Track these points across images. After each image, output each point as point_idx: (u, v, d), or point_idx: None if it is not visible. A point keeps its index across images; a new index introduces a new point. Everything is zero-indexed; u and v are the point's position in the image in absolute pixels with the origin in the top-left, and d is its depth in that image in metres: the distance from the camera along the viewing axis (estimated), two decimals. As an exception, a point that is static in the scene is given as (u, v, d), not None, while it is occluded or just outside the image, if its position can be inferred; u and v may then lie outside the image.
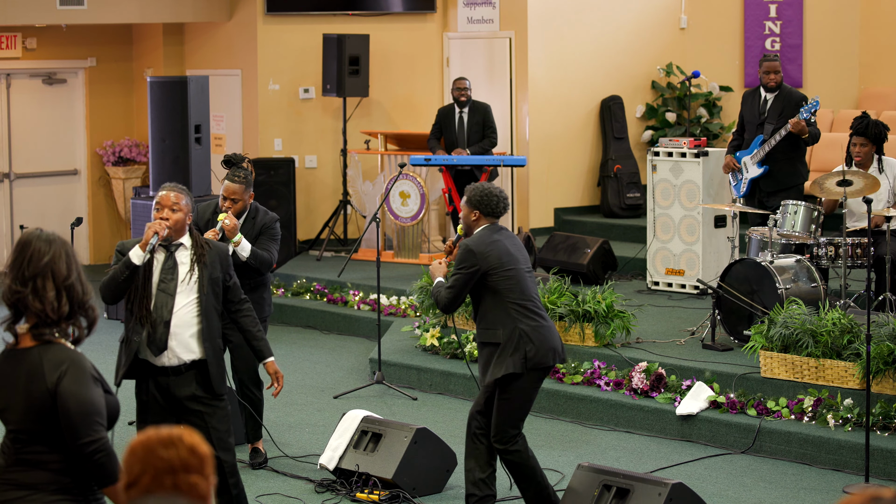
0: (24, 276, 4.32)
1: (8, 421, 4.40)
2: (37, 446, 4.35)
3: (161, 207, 6.34)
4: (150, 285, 6.29)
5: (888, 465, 7.91)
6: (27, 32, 15.00)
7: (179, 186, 6.45)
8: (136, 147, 15.45)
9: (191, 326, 6.29)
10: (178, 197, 6.35)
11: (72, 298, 4.34)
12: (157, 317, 6.25)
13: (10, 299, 4.35)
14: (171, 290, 6.28)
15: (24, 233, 4.50)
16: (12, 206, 15.22)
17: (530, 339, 6.92)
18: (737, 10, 14.91)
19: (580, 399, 9.30)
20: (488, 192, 7.14)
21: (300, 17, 14.70)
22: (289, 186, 14.23)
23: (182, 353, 6.29)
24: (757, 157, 10.71)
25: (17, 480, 4.35)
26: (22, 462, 4.35)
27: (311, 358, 11.29)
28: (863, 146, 9.99)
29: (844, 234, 9.62)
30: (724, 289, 9.61)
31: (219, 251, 6.44)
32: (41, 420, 4.32)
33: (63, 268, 4.34)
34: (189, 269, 6.30)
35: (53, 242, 4.39)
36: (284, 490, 7.84)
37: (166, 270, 6.30)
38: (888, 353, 8.26)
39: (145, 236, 6.25)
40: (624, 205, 14.44)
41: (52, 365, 4.30)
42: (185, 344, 6.29)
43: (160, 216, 6.32)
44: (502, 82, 14.51)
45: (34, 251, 4.36)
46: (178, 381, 6.31)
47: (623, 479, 6.82)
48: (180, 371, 6.31)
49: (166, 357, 6.28)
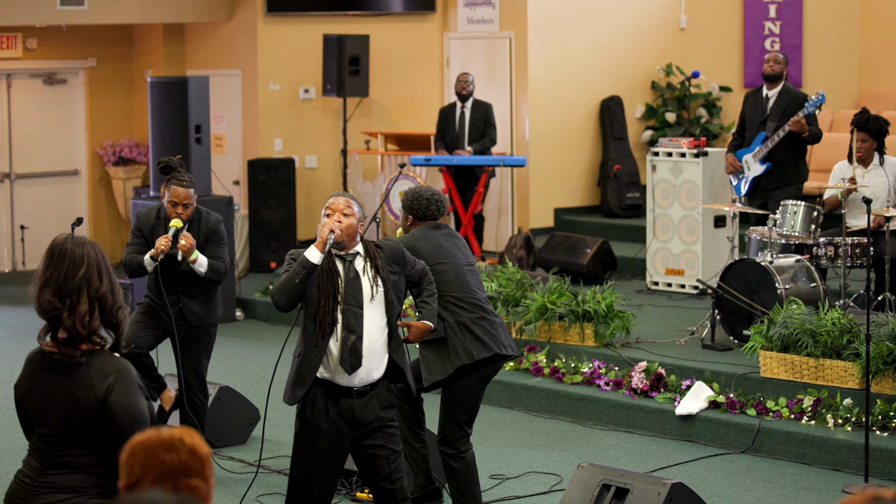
0: (62, 293, 4.33)
1: (43, 424, 4.40)
2: (76, 450, 4.36)
3: (332, 212, 5.92)
4: (336, 295, 5.85)
5: (888, 465, 7.92)
6: (28, 33, 15.01)
7: (348, 194, 6.04)
8: (136, 147, 15.46)
9: (380, 342, 5.90)
10: (347, 202, 5.94)
11: (103, 309, 4.37)
12: (347, 332, 5.84)
13: (48, 313, 4.36)
14: (358, 303, 5.85)
15: (56, 242, 4.45)
16: (13, 206, 15.23)
17: (470, 330, 6.80)
18: (736, 10, 14.92)
19: (580, 399, 9.30)
20: (418, 196, 7.05)
21: (300, 17, 14.70)
22: (289, 186, 14.24)
23: (373, 372, 5.90)
24: (759, 155, 10.72)
25: (56, 483, 4.36)
26: (60, 465, 4.36)
27: (311, 358, 11.29)
28: (864, 141, 10.00)
29: (844, 233, 9.63)
30: (724, 289, 9.62)
31: (392, 251, 6.03)
32: (86, 427, 4.33)
33: (96, 279, 4.36)
34: (372, 282, 5.89)
35: (87, 255, 4.39)
36: (284, 490, 7.83)
37: (350, 282, 5.87)
38: (888, 352, 8.26)
39: (320, 235, 5.82)
40: (624, 205, 14.45)
41: (100, 374, 4.32)
42: (376, 362, 5.90)
43: (333, 218, 5.91)
44: (502, 82, 14.52)
45: (70, 265, 4.36)
46: (361, 403, 5.90)
47: (622, 479, 6.82)
48: (364, 393, 5.91)
49: (358, 376, 5.86)
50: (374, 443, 5.92)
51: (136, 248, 7.85)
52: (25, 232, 15.31)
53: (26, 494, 4.38)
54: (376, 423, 5.92)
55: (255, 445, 8.65)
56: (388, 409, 5.97)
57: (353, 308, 5.84)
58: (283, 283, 5.84)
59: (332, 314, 5.82)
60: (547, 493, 7.81)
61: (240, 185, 14.86)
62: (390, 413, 5.98)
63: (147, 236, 7.85)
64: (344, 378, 5.86)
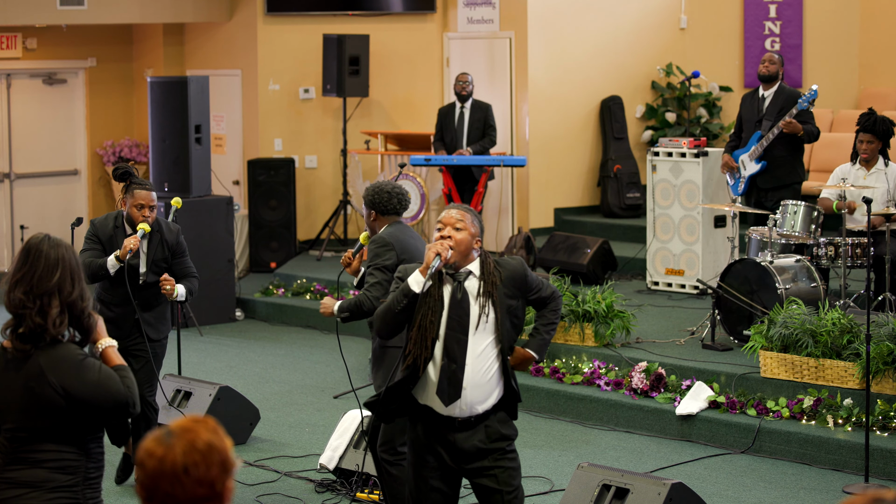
0: (34, 293, 4.35)
1: (5, 420, 4.42)
2: (36, 444, 4.37)
3: (443, 226, 5.42)
4: (437, 321, 5.35)
5: (888, 465, 7.92)
6: (27, 32, 15.01)
7: (464, 206, 5.54)
8: (136, 147, 15.46)
9: (488, 372, 5.38)
10: (462, 215, 5.42)
11: (72, 313, 4.40)
12: (447, 360, 5.34)
13: (17, 310, 4.37)
14: (464, 328, 5.35)
15: (32, 241, 4.46)
16: (12, 206, 15.22)
17: None
18: (736, 10, 14.92)
19: (580, 399, 9.30)
20: (380, 190, 6.82)
21: (300, 17, 14.70)
22: (289, 186, 14.24)
23: (476, 405, 5.39)
24: (755, 154, 10.72)
25: (14, 479, 4.37)
26: (20, 461, 4.38)
27: (311, 358, 11.30)
28: (869, 143, 9.98)
29: (844, 234, 9.63)
30: (724, 289, 9.62)
31: (512, 272, 5.48)
32: (43, 417, 4.35)
33: (69, 284, 4.39)
34: (483, 307, 5.36)
35: (63, 258, 4.40)
36: (284, 490, 7.84)
37: (455, 305, 5.36)
38: (888, 352, 8.26)
39: (426, 259, 5.31)
40: (624, 205, 14.45)
41: (49, 364, 4.34)
42: (481, 393, 5.38)
43: (442, 235, 5.41)
44: (502, 82, 14.52)
45: (44, 269, 4.37)
46: (464, 436, 5.42)
47: (622, 479, 6.82)
48: (469, 424, 5.41)
49: (458, 408, 5.37)
50: (480, 482, 5.44)
51: (94, 254, 7.58)
52: (25, 232, 15.30)
53: None
54: (482, 458, 5.41)
55: (255, 445, 8.65)
56: (499, 440, 5.42)
57: (456, 334, 5.35)
58: (385, 310, 5.40)
59: (429, 348, 5.34)
60: (547, 494, 7.81)
61: (240, 185, 14.86)
62: (501, 445, 5.44)
63: (105, 244, 7.60)
64: (443, 408, 5.39)
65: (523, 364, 5.67)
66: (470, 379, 5.34)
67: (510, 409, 5.52)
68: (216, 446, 3.30)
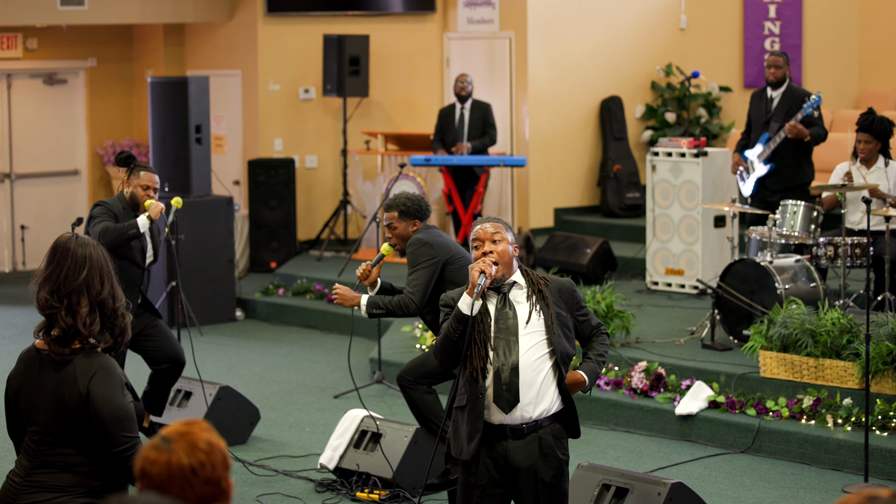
0: (60, 292, 4.33)
1: (32, 421, 4.40)
2: (63, 448, 4.35)
3: (480, 242, 5.23)
4: (488, 331, 5.18)
5: (887, 465, 7.92)
6: (28, 33, 15.01)
7: (493, 217, 5.35)
8: (136, 147, 15.46)
9: (539, 373, 5.20)
10: (496, 227, 5.24)
11: (103, 313, 4.36)
12: (500, 364, 5.15)
13: (45, 311, 4.36)
14: (512, 330, 5.18)
15: (60, 240, 4.44)
16: (13, 206, 15.23)
17: None
18: (736, 10, 14.92)
19: (580, 399, 9.30)
20: (415, 199, 7.03)
21: (300, 18, 14.71)
22: (289, 186, 14.24)
23: (528, 406, 5.21)
24: (763, 156, 10.72)
25: (44, 483, 4.35)
26: (48, 464, 4.36)
27: (311, 358, 11.30)
28: (867, 143, 9.98)
29: (844, 233, 9.63)
30: (724, 289, 9.62)
31: (560, 285, 5.33)
32: (71, 424, 4.33)
33: (97, 283, 4.35)
34: (531, 308, 5.20)
35: (90, 257, 4.37)
36: (284, 490, 7.85)
37: (501, 312, 5.19)
38: (887, 352, 8.26)
39: (471, 279, 5.11)
40: (623, 205, 14.45)
41: (83, 371, 4.32)
42: (532, 394, 5.20)
43: (482, 251, 5.22)
44: (502, 82, 14.52)
45: (71, 267, 4.35)
46: (516, 445, 5.23)
47: (622, 479, 6.82)
48: (521, 433, 5.23)
49: (517, 413, 5.19)
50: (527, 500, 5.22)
51: (111, 220, 7.87)
52: (26, 232, 15.31)
53: (15, 494, 4.38)
54: (532, 475, 5.22)
55: (255, 445, 8.66)
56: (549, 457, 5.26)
57: (506, 337, 5.18)
58: (442, 342, 5.21)
59: (484, 358, 5.16)
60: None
61: (240, 185, 14.86)
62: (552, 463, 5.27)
63: (119, 219, 7.88)
64: (497, 415, 5.20)
65: (574, 387, 5.48)
66: (523, 380, 5.15)
67: (569, 425, 5.38)
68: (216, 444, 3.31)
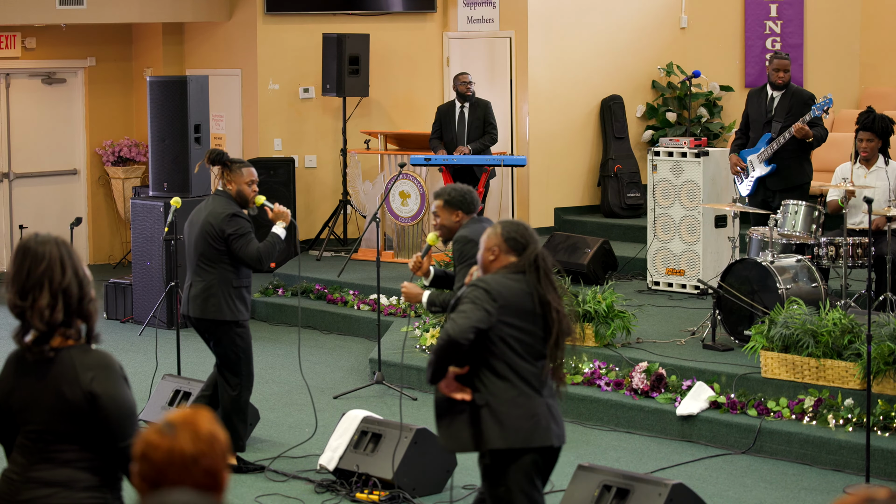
0: (23, 289, 4.31)
1: (28, 421, 4.38)
2: (63, 445, 4.34)
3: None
4: None
5: (889, 466, 7.90)
6: (26, 32, 14.99)
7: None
8: (135, 147, 15.44)
9: None
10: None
11: (68, 302, 4.32)
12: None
13: (14, 311, 4.35)
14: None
15: (22, 241, 4.45)
16: (12, 206, 15.21)
17: None
18: (737, 9, 14.90)
19: (580, 399, 9.28)
20: (466, 191, 6.87)
21: (300, 17, 14.69)
22: (289, 186, 14.22)
23: None
24: (764, 156, 10.70)
25: (43, 478, 4.34)
26: (47, 460, 4.35)
27: (311, 358, 11.28)
28: (869, 141, 9.97)
29: (845, 233, 9.61)
30: (725, 289, 9.60)
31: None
32: (73, 421, 4.31)
33: (58, 272, 4.31)
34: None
35: (49, 252, 4.34)
36: (284, 490, 7.83)
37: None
38: (889, 353, 8.25)
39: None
40: (624, 205, 14.43)
41: (84, 367, 4.30)
42: None
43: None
44: (502, 82, 14.50)
45: (31, 261, 4.33)
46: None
47: (623, 480, 6.80)
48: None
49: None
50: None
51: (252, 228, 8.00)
52: (24, 232, 15.27)
53: (13, 491, 4.36)
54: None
55: (255, 445, 8.63)
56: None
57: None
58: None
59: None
60: (547, 494, 7.78)
61: (239, 184, 14.83)
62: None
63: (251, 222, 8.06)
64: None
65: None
66: None
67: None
68: (218, 436, 3.31)
